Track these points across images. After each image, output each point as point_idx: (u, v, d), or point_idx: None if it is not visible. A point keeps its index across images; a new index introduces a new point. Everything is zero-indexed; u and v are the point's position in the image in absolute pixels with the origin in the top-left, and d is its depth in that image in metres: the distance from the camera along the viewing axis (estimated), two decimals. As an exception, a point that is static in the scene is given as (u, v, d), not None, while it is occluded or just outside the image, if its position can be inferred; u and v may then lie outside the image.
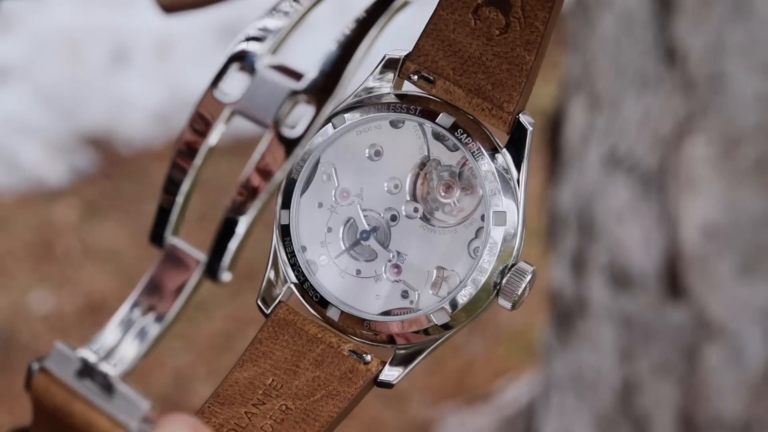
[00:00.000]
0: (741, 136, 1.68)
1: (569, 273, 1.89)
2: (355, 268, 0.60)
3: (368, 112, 0.60)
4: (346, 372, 0.58)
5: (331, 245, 0.60)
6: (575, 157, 1.88)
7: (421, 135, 0.59)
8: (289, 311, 0.60)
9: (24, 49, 3.25)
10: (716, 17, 1.66)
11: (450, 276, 0.59)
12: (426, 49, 0.60)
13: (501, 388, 2.47)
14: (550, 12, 0.58)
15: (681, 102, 1.71)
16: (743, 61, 1.66)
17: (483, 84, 0.59)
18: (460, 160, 0.59)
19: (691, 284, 1.74)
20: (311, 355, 0.58)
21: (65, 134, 3.16)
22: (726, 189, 1.70)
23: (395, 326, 0.58)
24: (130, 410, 0.45)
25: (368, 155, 0.60)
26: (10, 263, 2.79)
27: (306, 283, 0.60)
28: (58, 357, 0.46)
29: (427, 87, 0.60)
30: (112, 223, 2.90)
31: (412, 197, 0.59)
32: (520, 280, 0.58)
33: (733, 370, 1.74)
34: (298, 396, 0.57)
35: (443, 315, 0.58)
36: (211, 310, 2.66)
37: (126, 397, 0.45)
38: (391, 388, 0.59)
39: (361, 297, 0.59)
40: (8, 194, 3.00)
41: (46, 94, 3.21)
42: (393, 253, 0.59)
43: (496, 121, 0.59)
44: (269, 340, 0.59)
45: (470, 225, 0.59)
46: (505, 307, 0.59)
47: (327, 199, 0.60)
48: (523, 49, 0.59)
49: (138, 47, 3.33)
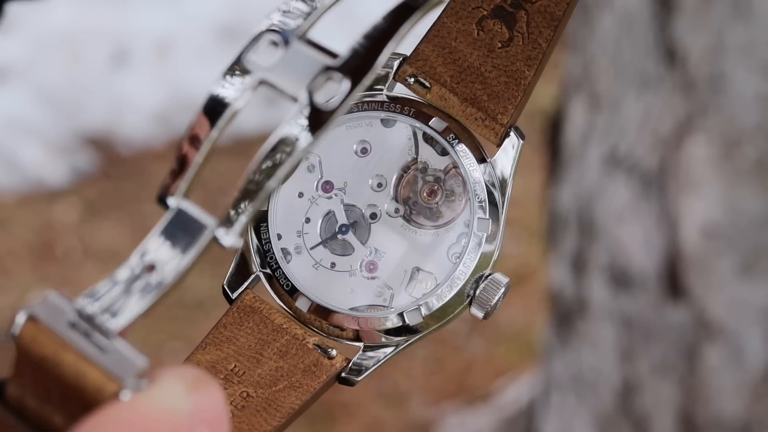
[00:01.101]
0: (741, 136, 1.68)
1: (569, 273, 1.89)
2: (330, 261, 0.59)
3: (360, 109, 0.60)
4: (310, 365, 0.57)
5: (307, 236, 0.59)
6: (575, 157, 1.88)
7: (412, 136, 0.59)
8: (255, 299, 0.59)
9: (24, 50, 3.25)
10: (716, 17, 1.66)
11: (426, 278, 0.58)
12: (426, 54, 0.60)
13: (501, 388, 2.47)
14: (554, 31, 0.59)
15: (681, 102, 1.71)
16: (743, 61, 1.66)
17: (479, 94, 0.59)
18: (448, 166, 0.59)
19: (691, 284, 1.74)
20: (275, 345, 0.58)
21: (66, 134, 3.16)
22: (726, 189, 1.70)
23: (364, 322, 0.58)
24: (125, 365, 0.43)
25: (356, 150, 0.60)
26: (10, 263, 2.79)
27: (278, 270, 0.59)
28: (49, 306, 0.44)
29: (422, 92, 0.60)
30: (112, 223, 2.90)
31: (395, 197, 0.59)
32: (495, 291, 0.58)
33: (733, 370, 1.74)
34: (260, 384, 0.57)
35: (416, 316, 0.58)
36: (211, 310, 2.66)
37: (121, 352, 0.43)
38: (353, 386, 0.58)
39: (333, 290, 0.59)
40: (9, 194, 3.00)
41: (47, 94, 3.21)
42: (371, 249, 0.59)
43: (488, 132, 0.59)
44: (233, 326, 0.58)
45: (452, 230, 0.59)
46: (477, 316, 0.58)
47: (308, 190, 0.60)
48: (524, 64, 0.59)
49: (138, 47, 3.33)
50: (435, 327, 0.58)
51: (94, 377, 0.43)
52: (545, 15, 0.59)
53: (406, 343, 0.59)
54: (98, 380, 0.42)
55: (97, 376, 0.43)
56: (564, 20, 0.59)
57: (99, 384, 0.42)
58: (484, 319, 0.58)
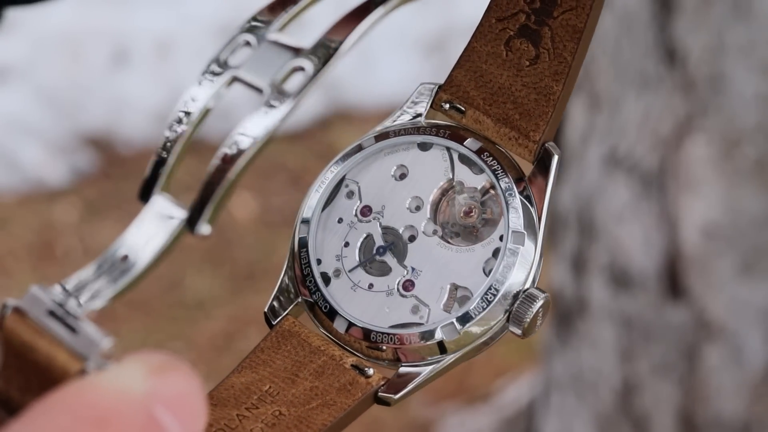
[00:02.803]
0: (741, 136, 1.68)
1: (569, 273, 1.89)
2: (368, 282, 0.59)
3: (398, 134, 0.60)
4: (345, 384, 0.57)
5: (346, 259, 0.60)
6: (575, 157, 1.88)
7: (448, 158, 0.60)
8: (294, 323, 0.59)
9: (24, 50, 3.25)
10: (716, 17, 1.66)
11: (463, 294, 0.58)
12: (458, 80, 0.61)
13: (501, 388, 2.47)
14: (578, 43, 0.59)
15: (681, 102, 1.72)
16: (743, 61, 1.66)
17: (511, 114, 0.60)
18: (485, 185, 0.59)
19: (691, 284, 1.74)
20: (312, 366, 0.58)
21: (66, 134, 3.16)
22: (726, 189, 1.70)
23: (401, 340, 0.58)
24: (89, 345, 0.46)
25: (394, 175, 0.60)
26: (10, 263, 2.79)
27: (317, 293, 0.59)
28: (31, 297, 0.48)
29: (458, 117, 0.61)
30: (113, 223, 2.90)
31: (432, 218, 0.60)
32: (530, 306, 0.58)
33: (733, 370, 1.74)
34: (293, 403, 0.57)
35: (452, 331, 0.58)
36: (211, 310, 2.66)
37: (88, 334, 0.46)
38: (390, 406, 0.58)
39: (371, 310, 0.59)
40: (9, 194, 3.00)
41: (47, 94, 3.21)
42: (408, 269, 0.59)
43: (522, 150, 0.59)
44: (271, 350, 0.59)
45: (488, 245, 0.59)
46: (516, 333, 0.58)
47: (348, 215, 0.60)
48: (552, 79, 0.59)
49: (138, 47, 3.33)
50: (474, 345, 0.58)
51: (62, 358, 0.46)
52: (567, 28, 0.60)
53: (444, 361, 0.58)
54: (65, 361, 0.46)
55: (64, 357, 0.46)
56: (587, 31, 0.59)
57: (65, 364, 0.45)
58: (523, 337, 0.58)
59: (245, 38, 0.55)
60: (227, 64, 0.54)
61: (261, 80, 0.53)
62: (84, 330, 0.46)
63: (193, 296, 2.65)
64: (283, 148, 3.08)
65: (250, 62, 0.54)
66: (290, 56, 0.53)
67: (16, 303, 0.48)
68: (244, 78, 0.54)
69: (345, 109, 3.34)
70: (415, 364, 0.58)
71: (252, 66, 0.54)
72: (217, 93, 0.55)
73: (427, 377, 0.58)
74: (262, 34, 0.54)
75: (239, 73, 0.54)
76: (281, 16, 0.55)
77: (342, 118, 3.32)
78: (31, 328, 0.47)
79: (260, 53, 0.54)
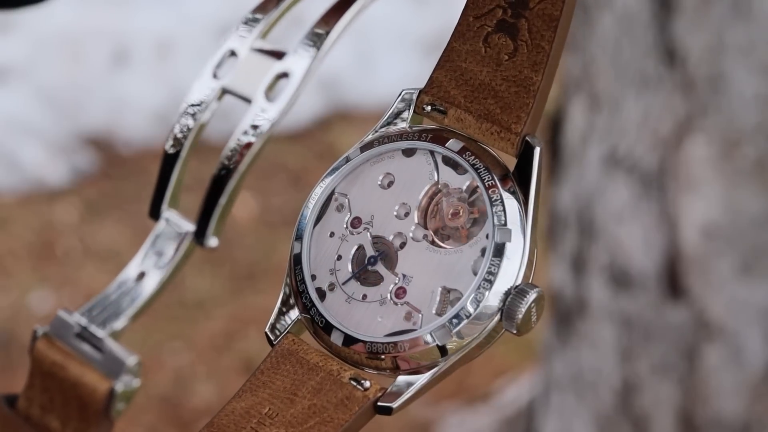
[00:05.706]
0: (741, 136, 1.68)
1: (569, 273, 1.89)
2: (362, 293, 0.59)
3: (382, 143, 0.61)
4: (342, 399, 0.57)
5: (339, 272, 0.60)
6: (575, 157, 1.88)
7: (432, 161, 0.60)
8: (293, 341, 0.60)
9: (25, 50, 3.25)
10: (716, 17, 1.66)
11: (455, 296, 0.58)
12: (439, 81, 0.61)
13: (501, 388, 2.47)
14: (555, 31, 0.59)
15: (681, 102, 1.72)
16: (743, 61, 1.66)
17: (492, 108, 0.60)
18: (470, 184, 0.59)
19: (691, 284, 1.74)
20: (310, 384, 0.58)
21: (66, 134, 3.16)
22: (726, 189, 1.70)
23: (396, 348, 0.58)
24: (117, 365, 0.51)
25: (381, 184, 0.60)
26: (10, 263, 2.80)
27: (313, 308, 0.60)
28: (58, 322, 0.52)
29: (440, 118, 0.61)
30: (113, 223, 2.90)
31: (420, 222, 0.60)
32: (521, 302, 0.58)
33: (733, 370, 1.74)
34: (292, 423, 0.57)
35: (445, 335, 0.58)
36: (211, 310, 2.66)
37: (114, 353, 0.51)
38: (391, 415, 0.58)
39: (366, 321, 0.59)
40: (9, 194, 3.01)
41: (47, 94, 3.21)
42: (399, 276, 0.59)
43: (505, 144, 0.59)
44: (270, 371, 0.59)
45: (475, 244, 0.58)
46: (510, 330, 0.58)
47: (339, 229, 0.60)
48: (531, 70, 0.59)
49: (138, 47, 3.33)
50: (470, 346, 0.58)
51: (90, 378, 0.50)
52: (544, 18, 0.59)
53: (442, 366, 0.58)
54: (94, 380, 0.49)
55: (93, 377, 0.50)
56: (564, 19, 0.59)
57: (94, 383, 0.49)
58: (518, 334, 0.58)
59: (230, 47, 0.58)
60: (216, 79, 0.59)
61: (249, 90, 0.57)
62: (109, 349, 0.51)
63: (193, 296, 2.65)
64: (283, 148, 3.08)
65: (236, 74, 0.57)
66: (273, 62, 0.56)
67: (45, 329, 0.52)
68: (233, 90, 0.57)
69: (345, 109, 3.34)
70: (413, 370, 0.58)
71: (238, 78, 0.57)
72: (209, 107, 0.59)
73: (425, 383, 0.58)
74: (246, 44, 0.58)
75: (228, 85, 0.58)
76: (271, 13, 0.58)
77: (342, 118, 3.32)
78: (60, 351, 0.51)
79: (245, 64, 0.58)
